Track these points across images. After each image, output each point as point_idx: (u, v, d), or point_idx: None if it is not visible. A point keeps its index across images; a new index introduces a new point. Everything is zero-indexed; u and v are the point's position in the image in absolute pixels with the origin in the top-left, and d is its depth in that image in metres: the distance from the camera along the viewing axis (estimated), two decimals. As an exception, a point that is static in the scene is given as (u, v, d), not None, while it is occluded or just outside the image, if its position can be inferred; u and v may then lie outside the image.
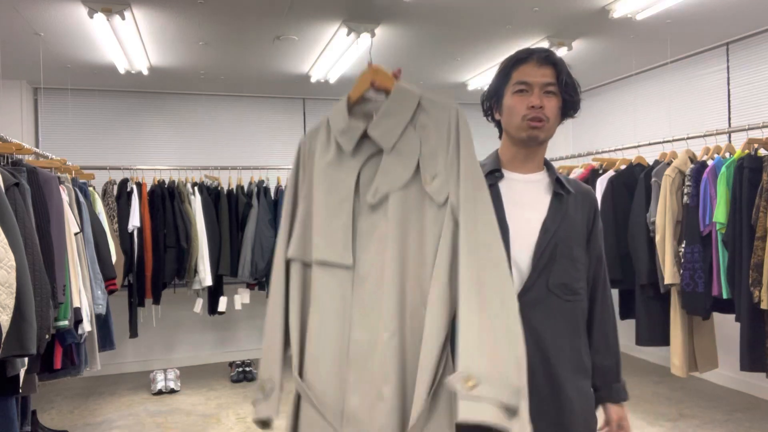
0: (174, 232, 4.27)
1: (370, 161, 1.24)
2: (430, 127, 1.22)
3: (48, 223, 2.43)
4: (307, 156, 1.31)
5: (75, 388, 4.47)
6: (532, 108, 1.33)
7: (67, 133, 4.98)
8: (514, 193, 1.39)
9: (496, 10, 3.40)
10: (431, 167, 1.19)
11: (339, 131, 1.25)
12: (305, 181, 1.29)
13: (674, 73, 4.61)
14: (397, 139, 1.20)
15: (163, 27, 3.55)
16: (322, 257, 1.21)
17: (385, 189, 1.19)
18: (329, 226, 1.21)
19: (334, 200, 1.23)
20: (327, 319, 1.19)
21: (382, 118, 1.22)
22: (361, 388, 1.13)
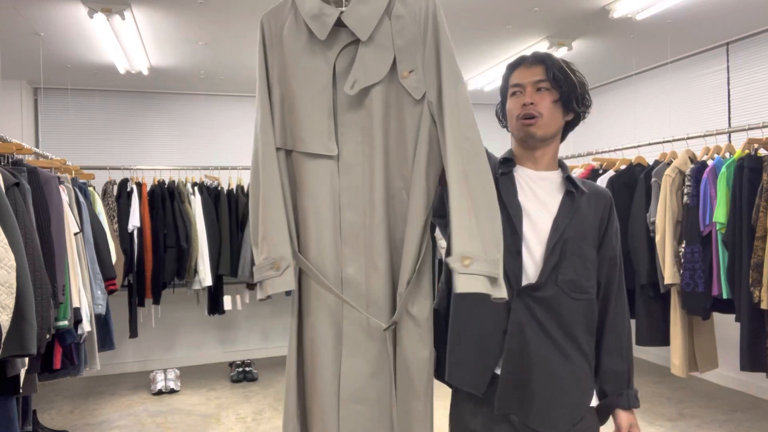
0: (174, 232, 4.26)
1: (345, 49, 1.23)
2: (406, 18, 1.22)
3: (48, 223, 2.43)
4: (273, 36, 1.28)
5: (75, 388, 4.47)
6: (524, 106, 1.37)
7: (67, 133, 4.98)
8: (527, 187, 1.41)
9: (496, 10, 3.40)
10: (407, 61, 1.21)
11: (309, 15, 1.22)
12: (275, 64, 1.28)
13: (674, 73, 4.61)
14: (373, 29, 1.20)
15: (163, 27, 3.55)
16: (308, 149, 1.24)
17: (363, 82, 1.20)
18: (311, 117, 1.24)
19: (312, 90, 1.23)
20: (319, 203, 1.26)
21: (356, 4, 1.21)
22: (357, 260, 1.26)
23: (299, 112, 1.24)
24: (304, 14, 1.23)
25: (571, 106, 1.40)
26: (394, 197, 1.26)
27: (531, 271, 1.34)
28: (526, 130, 1.38)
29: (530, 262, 1.35)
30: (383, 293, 1.25)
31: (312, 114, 1.23)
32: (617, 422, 1.41)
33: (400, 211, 1.26)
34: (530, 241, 1.35)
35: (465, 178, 1.16)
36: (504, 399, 1.33)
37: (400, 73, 1.21)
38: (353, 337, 1.26)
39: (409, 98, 1.22)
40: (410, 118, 1.23)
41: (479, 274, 1.13)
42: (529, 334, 1.32)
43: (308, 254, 1.27)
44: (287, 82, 1.26)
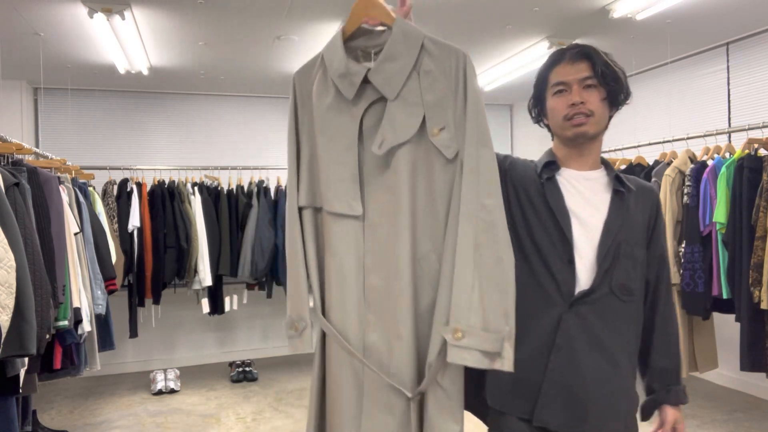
0: (174, 232, 4.27)
1: (372, 107, 1.20)
2: (436, 73, 1.15)
3: (48, 223, 2.43)
4: (303, 94, 1.28)
5: (75, 388, 4.47)
6: (573, 106, 1.31)
7: (67, 133, 4.98)
8: (573, 189, 1.36)
9: (496, 10, 3.40)
10: (438, 118, 1.15)
11: (337, 74, 1.19)
12: (305, 121, 1.28)
13: (674, 73, 4.61)
14: (401, 87, 1.15)
15: (163, 27, 3.55)
16: (333, 209, 1.22)
17: (392, 140, 1.16)
18: (336, 176, 1.21)
19: (338, 148, 1.21)
20: (344, 264, 1.22)
21: (383, 62, 1.16)
22: (380, 327, 1.20)
23: (325, 170, 1.22)
24: (331, 73, 1.20)
25: (617, 101, 1.36)
26: (421, 260, 1.19)
27: (584, 277, 1.29)
28: (578, 131, 1.31)
29: (583, 268, 1.29)
30: (407, 364, 1.18)
31: (337, 172, 1.21)
32: (663, 418, 1.39)
33: (428, 275, 1.19)
34: (582, 247, 1.30)
35: (476, 249, 1.11)
36: (552, 416, 1.27)
37: (430, 131, 1.15)
38: (375, 403, 1.20)
39: (440, 157, 1.16)
40: (441, 177, 1.16)
41: (472, 348, 1.09)
42: (579, 345, 1.27)
43: (331, 316, 1.24)
44: (315, 140, 1.25)
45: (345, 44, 1.22)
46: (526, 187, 1.36)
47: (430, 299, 1.19)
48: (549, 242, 1.31)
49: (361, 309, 1.22)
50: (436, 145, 1.15)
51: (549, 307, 1.29)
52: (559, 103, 1.34)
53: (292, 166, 1.28)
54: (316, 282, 1.27)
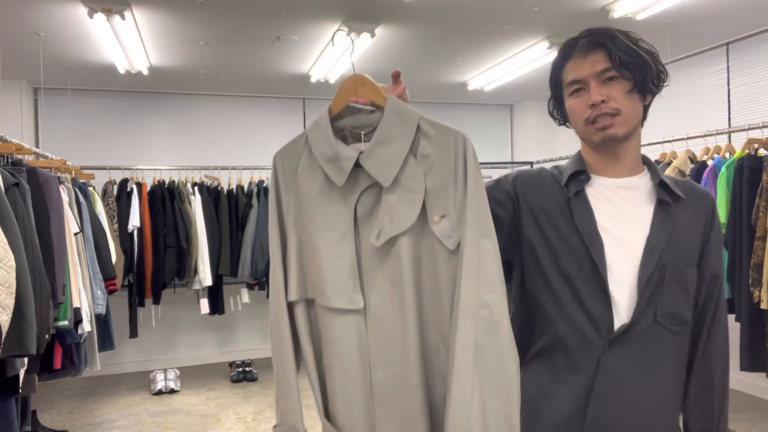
0: (174, 232, 4.27)
1: (367, 192, 1.10)
2: (434, 158, 1.07)
3: (48, 223, 2.43)
4: (288, 175, 1.16)
5: (75, 388, 4.47)
6: (593, 107, 1.10)
7: (67, 133, 4.98)
8: (607, 202, 1.15)
9: (496, 10, 3.40)
10: (439, 205, 1.07)
11: (324, 158, 1.10)
12: (291, 207, 1.16)
13: (674, 73, 4.61)
14: (396, 173, 1.06)
15: (163, 27, 3.55)
16: (331, 304, 1.11)
17: (390, 231, 1.07)
18: (332, 268, 1.11)
19: (332, 237, 1.11)
20: (346, 362, 1.12)
21: (376, 146, 1.07)
22: (391, 424, 1.11)
23: (319, 262, 1.12)
24: (318, 156, 1.10)
25: (649, 88, 1.12)
26: (430, 352, 1.10)
27: (623, 307, 1.09)
28: (605, 134, 1.11)
29: (622, 298, 1.09)
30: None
31: (333, 264, 1.11)
32: None
33: (438, 368, 1.10)
34: (619, 273, 1.10)
35: (477, 351, 1.02)
36: None
37: (430, 218, 1.06)
38: None
39: (442, 247, 1.07)
40: (445, 269, 1.08)
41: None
42: (624, 390, 1.09)
43: (337, 418, 1.15)
44: (304, 228, 1.14)
45: (332, 124, 1.12)
46: (547, 207, 1.17)
47: (442, 390, 1.11)
48: (579, 271, 1.11)
49: (370, 407, 1.13)
50: (437, 234, 1.06)
51: (585, 348, 1.10)
52: (578, 104, 1.14)
53: (276, 257, 1.15)
54: (317, 382, 1.17)
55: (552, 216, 1.16)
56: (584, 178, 1.17)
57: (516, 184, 1.22)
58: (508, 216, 1.21)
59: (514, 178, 1.23)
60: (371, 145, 1.07)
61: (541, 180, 1.22)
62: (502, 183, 1.24)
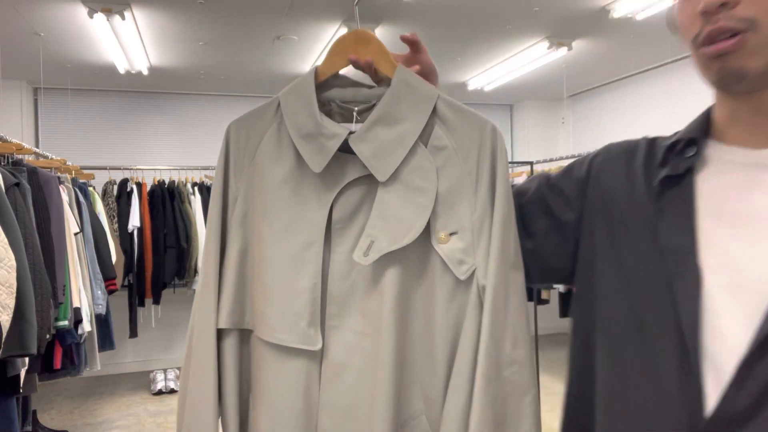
0: (174, 232, 4.27)
1: (351, 188, 0.80)
2: (450, 152, 0.78)
3: (48, 223, 2.43)
4: (242, 154, 0.85)
5: (75, 388, 4.47)
6: (705, 14, 0.61)
7: (67, 133, 4.98)
8: (727, 191, 0.65)
9: (496, 10, 3.41)
10: (449, 217, 0.78)
11: (301, 133, 0.80)
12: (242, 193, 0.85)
13: (674, 73, 4.61)
14: (399, 164, 0.77)
15: (163, 27, 3.55)
16: (274, 338, 0.80)
17: (385, 244, 0.77)
18: (286, 289, 0.80)
19: (292, 245, 0.81)
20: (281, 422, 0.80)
21: (375, 124, 0.78)
22: None
23: (268, 278, 0.81)
24: (293, 130, 0.80)
25: None
26: (407, 424, 0.79)
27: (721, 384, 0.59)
28: (722, 66, 0.63)
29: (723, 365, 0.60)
30: None
31: (288, 284, 0.80)
32: None
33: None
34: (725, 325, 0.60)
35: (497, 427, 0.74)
36: None
37: (434, 234, 0.78)
38: None
39: (447, 275, 0.78)
40: (445, 307, 0.78)
41: None
42: None
43: None
44: (255, 229, 0.84)
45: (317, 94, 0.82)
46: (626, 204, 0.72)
47: None
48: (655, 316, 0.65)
49: None
50: (443, 257, 0.77)
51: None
52: (686, 7, 0.65)
53: (210, 267, 0.85)
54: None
55: (629, 221, 0.71)
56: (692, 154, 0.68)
57: (593, 166, 0.80)
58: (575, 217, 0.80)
59: (593, 158, 0.81)
60: (368, 123, 0.79)
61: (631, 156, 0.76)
62: (576, 169, 0.83)
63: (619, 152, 0.79)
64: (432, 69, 0.87)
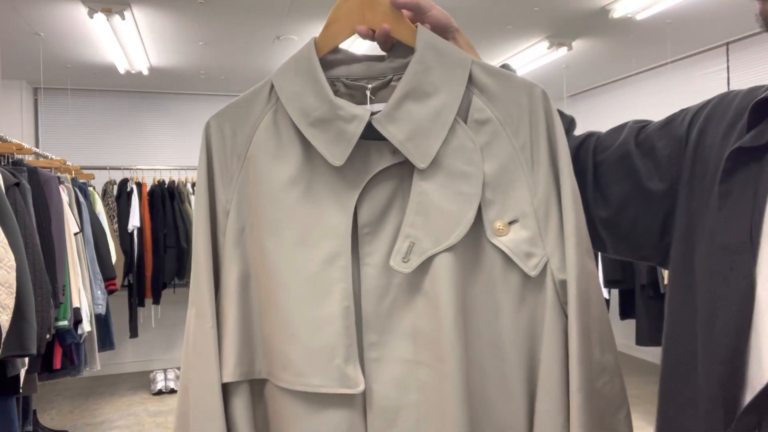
0: (174, 232, 4.27)
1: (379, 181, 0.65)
2: (495, 124, 0.65)
3: (48, 223, 2.43)
4: (230, 154, 0.70)
5: (75, 388, 4.47)
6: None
7: (67, 133, 4.98)
8: None
9: (496, 10, 3.40)
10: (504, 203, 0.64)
11: (310, 119, 0.64)
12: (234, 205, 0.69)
13: (674, 73, 4.61)
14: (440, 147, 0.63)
15: (163, 27, 3.55)
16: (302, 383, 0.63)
17: (428, 246, 0.62)
18: (310, 317, 0.63)
19: (312, 260, 0.64)
20: None
21: (404, 101, 0.63)
22: None
23: (282, 306, 0.64)
24: (296, 116, 0.65)
25: None
26: None
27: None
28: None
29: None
30: None
31: (309, 310, 0.63)
32: None
33: None
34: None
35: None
36: None
37: (489, 226, 0.64)
38: None
39: (512, 273, 0.63)
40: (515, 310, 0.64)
41: None
42: None
43: None
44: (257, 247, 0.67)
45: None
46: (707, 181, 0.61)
47: None
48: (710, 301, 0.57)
49: None
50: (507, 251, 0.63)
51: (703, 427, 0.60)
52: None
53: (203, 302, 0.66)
54: None
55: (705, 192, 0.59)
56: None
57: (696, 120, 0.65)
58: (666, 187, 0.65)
59: (700, 109, 0.67)
60: (395, 100, 0.63)
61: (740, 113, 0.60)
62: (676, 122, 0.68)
63: (730, 102, 0.62)
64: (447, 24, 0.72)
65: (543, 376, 0.63)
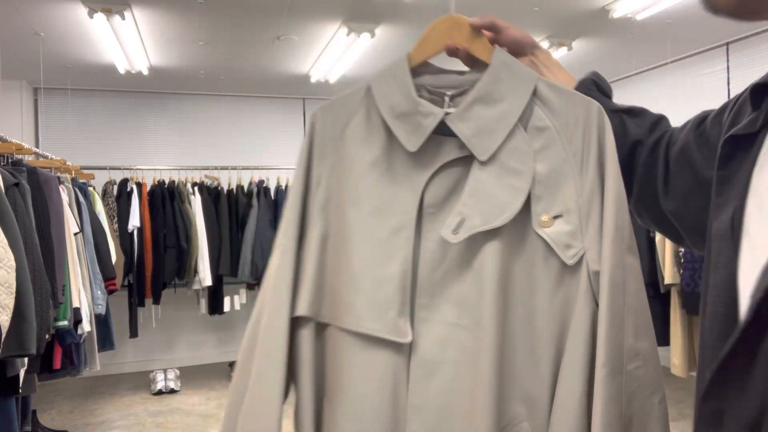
0: (174, 232, 4.27)
1: (444, 170, 0.77)
2: (553, 132, 0.76)
3: (48, 223, 2.43)
4: (328, 139, 0.82)
5: (75, 388, 4.47)
6: None
7: (67, 133, 4.98)
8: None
9: (496, 10, 3.40)
10: (551, 199, 0.74)
11: (395, 113, 0.78)
12: (325, 178, 0.81)
13: (674, 73, 4.61)
14: (500, 144, 0.75)
15: (163, 27, 3.55)
16: (362, 326, 0.75)
17: (477, 223, 0.73)
18: (373, 274, 0.76)
19: (381, 230, 0.77)
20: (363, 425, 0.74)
21: (474, 104, 0.76)
22: None
23: (352, 263, 0.77)
24: (385, 111, 0.79)
25: None
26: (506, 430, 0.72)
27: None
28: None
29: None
30: None
31: (376, 270, 0.75)
32: None
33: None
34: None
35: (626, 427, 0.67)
36: None
37: (536, 218, 0.74)
38: None
39: (552, 261, 0.73)
40: (549, 297, 0.73)
41: None
42: None
43: None
44: (339, 213, 0.80)
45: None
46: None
47: None
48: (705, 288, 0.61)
49: None
50: (548, 241, 0.73)
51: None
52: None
53: (287, 252, 0.79)
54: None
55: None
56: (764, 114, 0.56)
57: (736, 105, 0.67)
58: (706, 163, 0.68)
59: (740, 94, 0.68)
60: (468, 103, 0.77)
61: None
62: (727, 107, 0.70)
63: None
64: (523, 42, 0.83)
65: (568, 353, 0.71)
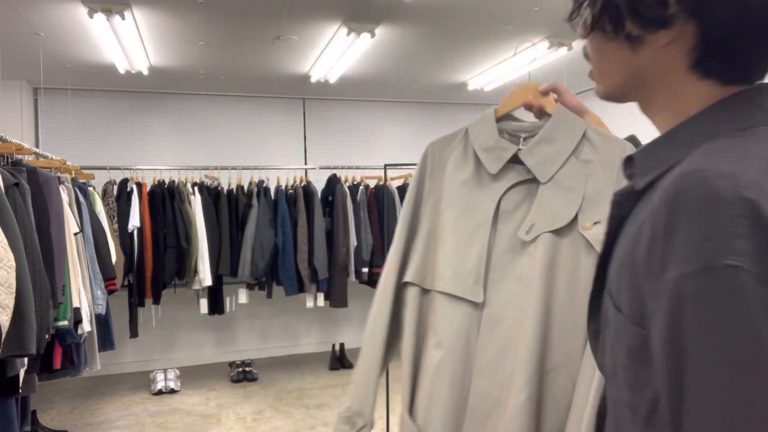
0: (174, 232, 4.27)
1: (515, 188, 1.09)
2: (596, 164, 1.06)
3: (48, 223, 2.43)
4: (437, 163, 1.18)
5: (75, 388, 4.47)
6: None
7: (67, 133, 4.98)
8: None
9: (496, 10, 3.40)
10: (593, 211, 1.03)
11: (483, 148, 1.12)
12: (432, 194, 1.17)
13: (674, 73, 4.61)
14: (557, 170, 1.05)
15: (163, 27, 3.55)
16: (448, 289, 1.08)
17: (543, 226, 1.03)
18: (459, 254, 1.09)
19: (467, 225, 1.10)
20: (447, 357, 1.05)
21: (539, 143, 1.08)
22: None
23: (448, 246, 1.10)
24: (477, 146, 1.13)
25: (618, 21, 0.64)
26: (548, 374, 0.98)
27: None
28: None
29: None
30: None
31: (462, 250, 1.08)
32: None
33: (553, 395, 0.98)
34: None
35: None
36: None
37: (581, 223, 1.03)
38: None
39: (591, 253, 1.00)
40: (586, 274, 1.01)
41: None
42: None
43: (417, 415, 1.08)
44: (439, 214, 1.15)
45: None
46: None
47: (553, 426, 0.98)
48: None
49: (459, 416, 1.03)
50: (589, 238, 1.00)
51: None
52: None
53: (398, 243, 1.17)
54: (409, 374, 1.12)
55: None
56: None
57: None
58: None
59: None
60: (534, 142, 1.09)
61: None
62: None
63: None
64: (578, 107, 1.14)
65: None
